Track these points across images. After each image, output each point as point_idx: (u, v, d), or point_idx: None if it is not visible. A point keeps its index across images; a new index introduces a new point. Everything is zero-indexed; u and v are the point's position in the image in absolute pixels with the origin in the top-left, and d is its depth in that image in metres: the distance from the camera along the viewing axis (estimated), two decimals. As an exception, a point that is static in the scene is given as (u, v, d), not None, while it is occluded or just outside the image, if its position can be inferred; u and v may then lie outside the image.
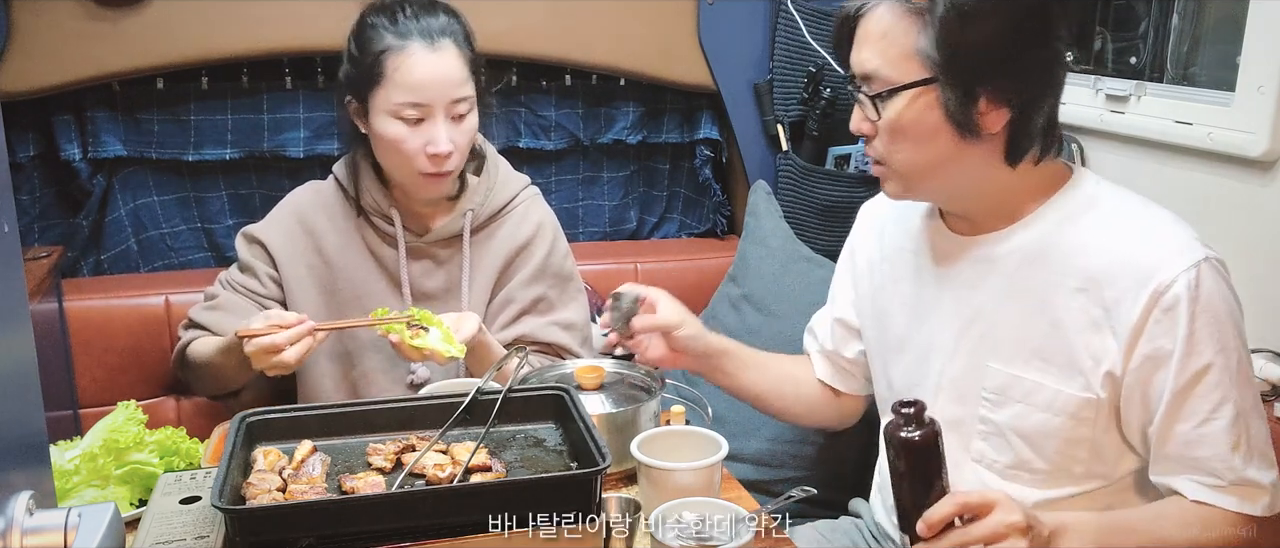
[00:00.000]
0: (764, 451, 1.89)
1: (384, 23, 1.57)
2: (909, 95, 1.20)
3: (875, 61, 1.22)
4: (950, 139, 1.21)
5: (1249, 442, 1.18)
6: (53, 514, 0.66)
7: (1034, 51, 1.19)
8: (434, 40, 1.55)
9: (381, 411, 1.29)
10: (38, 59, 1.86)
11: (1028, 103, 1.20)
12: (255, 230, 1.71)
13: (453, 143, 1.56)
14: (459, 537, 1.04)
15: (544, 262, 1.72)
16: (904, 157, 1.25)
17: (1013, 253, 1.28)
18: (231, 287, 1.70)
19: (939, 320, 1.35)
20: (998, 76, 1.18)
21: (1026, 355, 1.26)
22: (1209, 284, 1.16)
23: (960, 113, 1.19)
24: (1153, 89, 1.76)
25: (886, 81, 1.21)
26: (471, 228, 1.69)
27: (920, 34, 1.18)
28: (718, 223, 2.43)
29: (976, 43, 1.16)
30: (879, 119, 1.23)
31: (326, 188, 1.73)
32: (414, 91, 1.54)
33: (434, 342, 1.46)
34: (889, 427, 1.12)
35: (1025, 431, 1.27)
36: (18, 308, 0.72)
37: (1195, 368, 1.16)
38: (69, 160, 1.98)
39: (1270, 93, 1.50)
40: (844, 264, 1.57)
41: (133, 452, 1.32)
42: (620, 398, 1.42)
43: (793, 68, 2.19)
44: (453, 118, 1.57)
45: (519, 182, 1.77)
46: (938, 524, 1.09)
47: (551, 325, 1.71)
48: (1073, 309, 1.22)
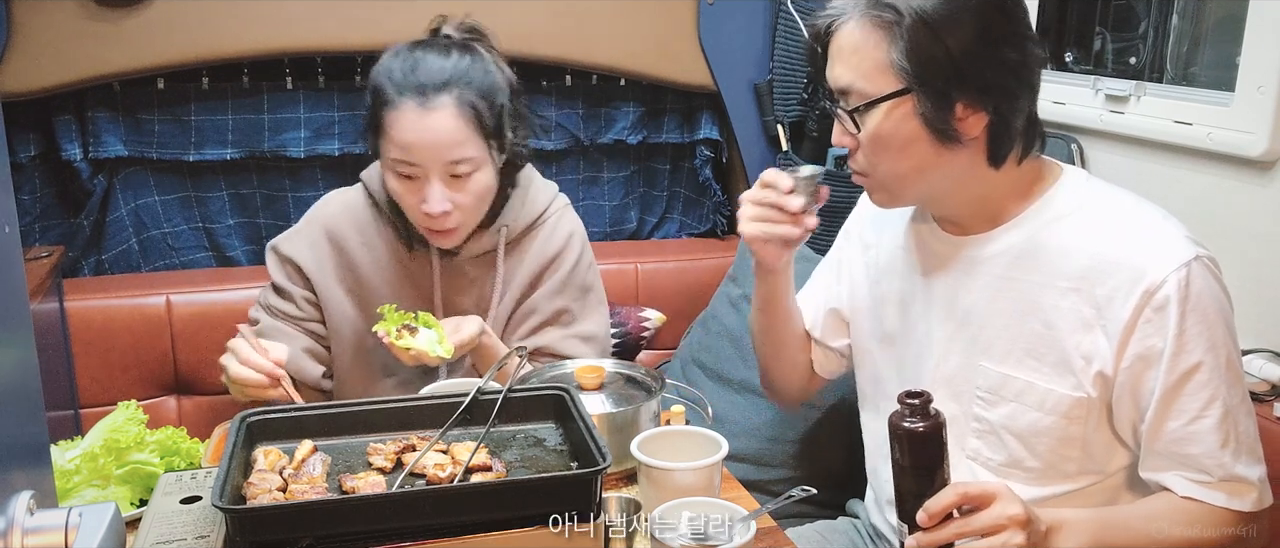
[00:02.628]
0: (764, 451, 1.89)
1: (390, 70, 1.49)
2: (885, 107, 1.21)
3: (849, 76, 1.23)
4: (930, 147, 1.22)
5: (1238, 439, 1.19)
6: (53, 514, 0.66)
7: (1004, 54, 1.19)
8: (428, 98, 1.45)
9: (381, 410, 1.28)
10: (38, 59, 1.86)
11: (1004, 105, 1.21)
12: (286, 248, 1.64)
13: (450, 203, 1.48)
14: (459, 537, 1.04)
15: (569, 274, 1.68)
16: (887, 168, 1.26)
17: (1002, 253, 1.28)
18: (271, 311, 1.65)
19: (932, 320, 1.36)
20: (971, 82, 1.18)
21: (1018, 355, 1.26)
22: (1199, 283, 1.16)
23: (938, 120, 1.20)
24: (1152, 89, 1.76)
25: (862, 95, 1.22)
26: (505, 243, 1.64)
27: (891, 46, 1.18)
28: (718, 223, 2.43)
29: (946, 51, 1.17)
30: (859, 132, 1.24)
31: (355, 199, 1.66)
32: (404, 151, 1.46)
33: (422, 343, 1.44)
34: (894, 416, 1.12)
35: (1018, 429, 1.27)
36: (18, 308, 0.72)
37: (1185, 367, 1.17)
38: (70, 160, 1.98)
39: (1270, 93, 1.50)
40: (839, 253, 1.56)
41: (133, 452, 1.32)
42: (620, 398, 1.42)
43: (793, 68, 2.19)
44: (452, 177, 1.48)
45: (549, 193, 1.70)
46: (938, 514, 1.10)
47: (571, 338, 1.68)
48: (1063, 309, 1.23)
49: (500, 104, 1.52)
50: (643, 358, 2.17)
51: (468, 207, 1.52)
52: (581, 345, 1.69)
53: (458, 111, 1.46)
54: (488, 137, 1.50)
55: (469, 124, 1.47)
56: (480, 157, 1.50)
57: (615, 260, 2.21)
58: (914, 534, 1.12)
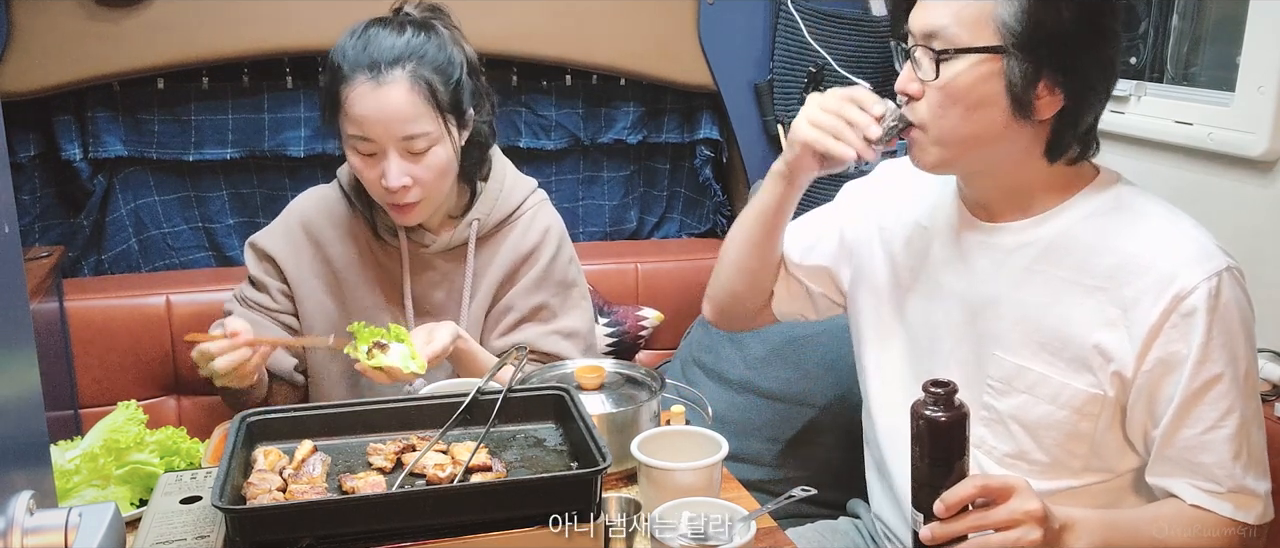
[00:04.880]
0: (764, 451, 1.89)
1: (344, 48, 1.50)
2: (974, 60, 1.18)
3: (945, 19, 1.19)
4: (1001, 114, 1.20)
5: (1249, 451, 1.19)
6: (53, 514, 0.66)
7: (1102, 47, 1.19)
8: (380, 73, 1.46)
9: (381, 410, 1.28)
10: (38, 59, 1.86)
11: (1082, 96, 1.20)
12: (263, 242, 1.66)
13: (408, 177, 1.49)
14: (459, 537, 1.04)
15: (546, 269, 1.67)
16: (950, 123, 1.22)
17: (1031, 245, 1.27)
18: (245, 303, 1.66)
19: (948, 304, 1.35)
20: (1066, 61, 1.17)
21: (1034, 347, 1.26)
22: (1228, 294, 1.16)
23: (1021, 89, 1.18)
24: (1153, 89, 1.76)
25: (953, 41, 1.19)
26: (477, 237, 1.65)
27: (1002, 2, 1.17)
28: (718, 223, 2.43)
29: (1059, 22, 1.15)
30: (934, 78, 1.21)
31: (331, 194, 1.68)
32: (359, 126, 1.48)
33: (395, 360, 1.41)
34: (917, 404, 1.11)
35: (1028, 421, 1.27)
36: (18, 308, 0.72)
37: (1207, 376, 1.17)
38: (69, 160, 1.98)
39: (1270, 93, 1.50)
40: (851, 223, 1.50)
41: (133, 452, 1.32)
42: (620, 398, 1.42)
43: (793, 68, 2.19)
44: (409, 153, 1.49)
45: (526, 187, 1.71)
46: (956, 505, 1.09)
47: (551, 334, 1.67)
48: (1087, 306, 1.22)
49: (457, 79, 1.53)
50: (642, 358, 2.16)
51: (428, 182, 1.52)
52: (563, 342, 1.68)
53: (411, 87, 1.47)
54: (443, 112, 1.51)
55: (423, 99, 1.48)
56: (436, 132, 1.50)
57: (615, 260, 2.21)
58: (929, 524, 1.12)
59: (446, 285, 1.66)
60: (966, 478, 1.11)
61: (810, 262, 1.51)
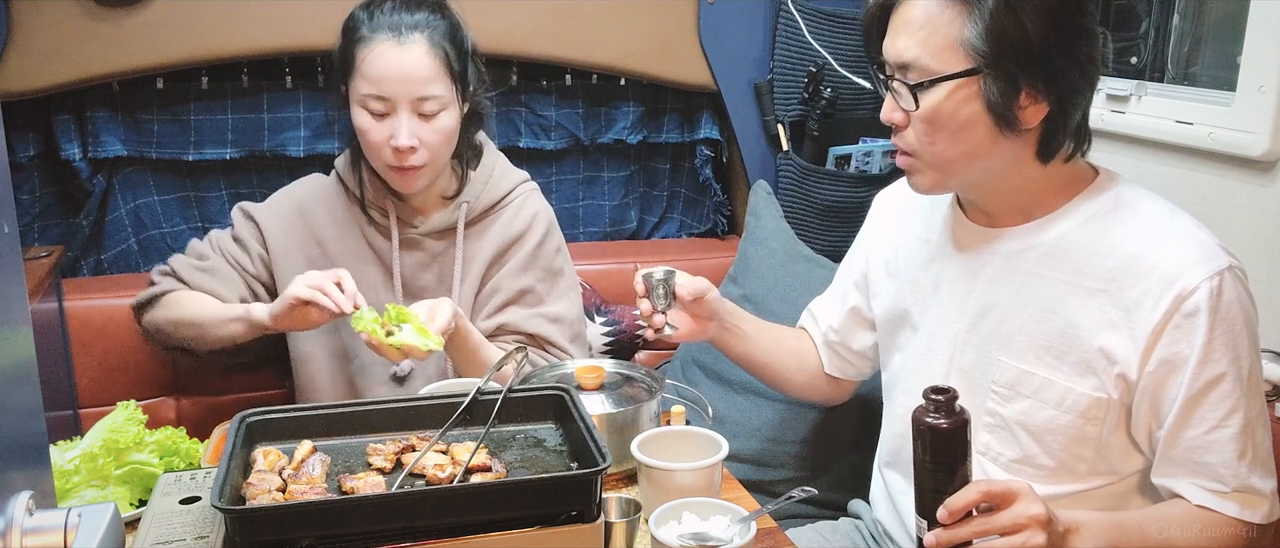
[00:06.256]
0: (764, 451, 1.89)
1: (363, 15, 1.58)
2: (950, 86, 1.19)
3: (914, 50, 1.20)
4: (987, 132, 1.21)
5: (1254, 451, 1.19)
6: (53, 514, 0.66)
7: (1077, 47, 1.19)
8: (402, 34, 1.54)
9: (381, 411, 1.28)
10: (38, 59, 1.86)
11: (1067, 98, 1.20)
12: (254, 209, 1.72)
13: (417, 138, 1.55)
14: (459, 537, 1.04)
15: (533, 253, 1.71)
16: (938, 148, 1.24)
17: (1033, 249, 1.27)
18: (222, 254, 1.70)
19: (951, 310, 1.35)
20: (1041, 70, 1.17)
21: (1038, 352, 1.26)
22: (1230, 294, 1.16)
23: (1001, 105, 1.18)
24: (1153, 89, 1.76)
25: (927, 71, 1.20)
26: (466, 221, 1.69)
27: (966, 24, 1.17)
28: (718, 223, 2.43)
29: (1025, 35, 1.16)
30: (915, 109, 1.22)
31: (328, 182, 1.75)
32: (376, 84, 1.54)
33: (409, 338, 1.43)
34: (917, 411, 1.12)
35: (1033, 426, 1.27)
36: (18, 308, 0.72)
37: (1210, 376, 1.17)
38: (69, 160, 1.98)
39: (1270, 93, 1.50)
40: (858, 253, 1.56)
41: (133, 452, 1.32)
42: (620, 398, 1.42)
43: (793, 68, 2.19)
44: (420, 115, 1.56)
45: (517, 177, 1.76)
46: (959, 511, 1.09)
47: (536, 316, 1.70)
48: (1090, 309, 1.22)
49: (468, 52, 1.62)
50: (642, 358, 2.16)
51: (434, 145, 1.58)
52: (549, 326, 1.71)
53: (429, 49, 1.55)
54: (455, 79, 1.58)
55: (440, 63, 1.56)
56: (448, 96, 1.57)
57: (615, 260, 2.21)
58: (933, 531, 1.12)
59: (436, 268, 1.70)
60: (970, 483, 1.11)
61: (843, 328, 1.57)
